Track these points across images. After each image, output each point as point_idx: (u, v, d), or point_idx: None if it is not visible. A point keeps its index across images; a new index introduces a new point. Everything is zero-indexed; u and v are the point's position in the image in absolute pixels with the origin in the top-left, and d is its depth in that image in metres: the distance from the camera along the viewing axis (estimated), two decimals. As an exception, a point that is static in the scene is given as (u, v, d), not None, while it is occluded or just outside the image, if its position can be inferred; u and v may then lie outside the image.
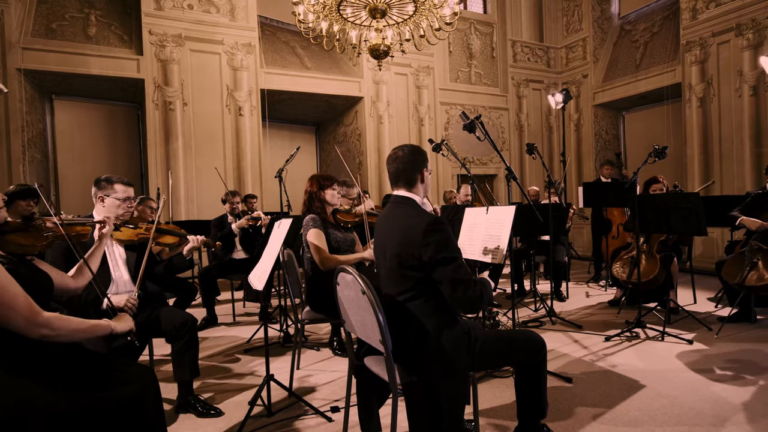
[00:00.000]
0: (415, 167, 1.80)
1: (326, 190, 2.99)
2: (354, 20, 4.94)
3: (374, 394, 1.92)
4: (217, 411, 2.41)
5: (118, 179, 2.39)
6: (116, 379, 1.62)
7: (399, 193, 1.83)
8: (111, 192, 2.34)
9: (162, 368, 3.09)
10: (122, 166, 6.88)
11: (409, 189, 1.81)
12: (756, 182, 6.06)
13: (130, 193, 2.41)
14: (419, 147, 1.87)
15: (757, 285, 3.23)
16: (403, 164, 1.79)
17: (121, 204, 2.35)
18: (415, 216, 1.72)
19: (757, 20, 6.09)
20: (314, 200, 2.97)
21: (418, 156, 1.81)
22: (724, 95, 6.48)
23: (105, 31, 6.03)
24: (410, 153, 1.80)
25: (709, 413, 2.24)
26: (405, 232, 1.71)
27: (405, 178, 1.80)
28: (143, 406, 1.64)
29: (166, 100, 6.18)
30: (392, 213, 1.83)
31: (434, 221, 1.66)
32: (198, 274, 4.46)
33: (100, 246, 2.12)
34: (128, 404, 1.57)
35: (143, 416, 1.62)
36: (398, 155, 1.81)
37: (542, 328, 3.79)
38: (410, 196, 1.81)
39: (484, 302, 1.69)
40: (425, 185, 1.86)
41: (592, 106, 8.65)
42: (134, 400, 1.59)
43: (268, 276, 2.20)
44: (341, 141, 8.29)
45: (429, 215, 1.71)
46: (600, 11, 8.69)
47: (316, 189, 2.98)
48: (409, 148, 1.83)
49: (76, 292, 1.98)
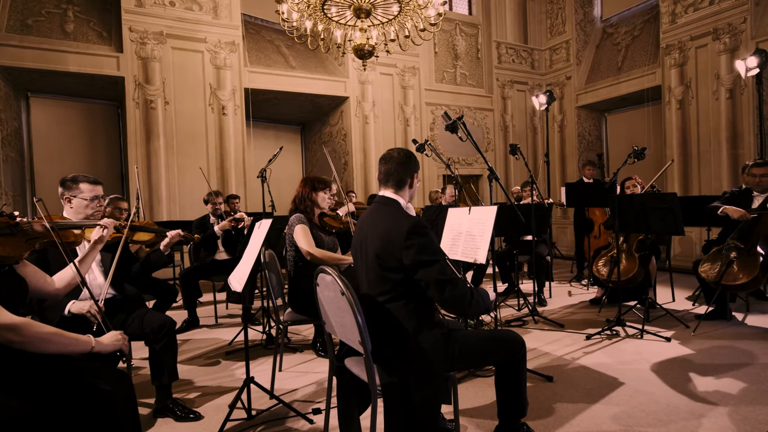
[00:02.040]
0: (407, 170, 1.83)
1: (318, 192, 2.98)
2: (339, 20, 4.92)
3: (355, 395, 1.91)
4: (196, 415, 2.37)
5: (84, 178, 2.28)
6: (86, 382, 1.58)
7: (385, 193, 1.84)
8: (77, 192, 2.24)
9: (141, 371, 3.03)
10: (102, 165, 6.73)
11: (397, 191, 1.84)
12: (733, 183, 6.21)
13: (98, 192, 2.31)
14: (413, 153, 1.91)
15: (734, 283, 3.31)
16: (395, 165, 1.82)
17: (89, 204, 2.26)
18: (398, 218, 1.73)
19: (733, 25, 6.24)
20: (305, 200, 2.96)
21: (411, 160, 1.86)
22: (702, 98, 6.63)
23: (83, 28, 5.90)
24: (404, 156, 1.84)
25: (684, 409, 2.29)
26: (387, 233, 1.70)
27: (395, 180, 1.82)
28: (115, 409, 1.60)
29: (147, 98, 6.06)
30: (375, 213, 1.83)
31: (416, 224, 1.67)
32: (179, 275, 4.38)
33: (94, 251, 2.02)
34: (98, 402, 1.53)
35: (116, 419, 1.58)
36: (392, 156, 1.84)
37: (525, 327, 3.82)
38: (396, 198, 1.82)
39: (475, 303, 1.69)
40: (413, 191, 1.89)
41: (575, 107, 8.77)
42: (105, 399, 1.55)
43: (247, 277, 2.17)
44: (327, 141, 8.25)
45: (411, 218, 1.72)
46: (583, 14, 8.82)
47: (309, 190, 2.97)
48: (405, 151, 1.87)
49: (57, 297, 1.89)
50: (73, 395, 1.52)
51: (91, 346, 1.54)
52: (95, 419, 1.56)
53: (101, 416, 1.58)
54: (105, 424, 1.56)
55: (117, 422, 1.59)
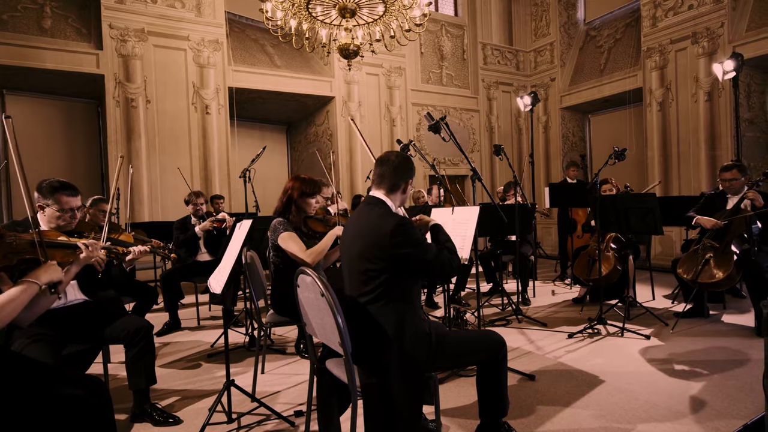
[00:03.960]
0: (402, 175, 1.84)
1: (307, 198, 2.82)
2: (324, 19, 4.89)
3: (335, 397, 1.90)
4: (175, 419, 2.33)
5: (63, 189, 2.14)
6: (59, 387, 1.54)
7: (376, 194, 1.84)
8: (51, 202, 2.12)
9: (119, 375, 2.96)
10: (81, 165, 6.58)
11: (389, 194, 1.84)
12: (711, 183, 6.36)
13: (74, 204, 2.17)
14: (411, 159, 1.92)
15: (710, 282, 3.38)
16: (391, 169, 1.83)
17: (61, 215, 2.14)
18: (384, 216, 1.73)
19: (711, 29, 6.39)
20: (291, 205, 2.82)
21: (408, 166, 1.87)
22: (681, 100, 6.77)
23: (61, 24, 5.76)
24: (401, 160, 1.86)
25: (663, 406, 2.32)
26: (372, 232, 1.71)
27: (389, 183, 1.83)
28: (89, 415, 1.56)
29: (128, 96, 5.95)
30: (363, 213, 1.84)
31: (402, 221, 1.69)
32: (160, 276, 4.30)
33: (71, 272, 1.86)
34: (71, 408, 1.49)
35: (90, 425, 1.55)
36: (390, 159, 1.85)
37: (509, 327, 3.85)
38: (385, 200, 1.83)
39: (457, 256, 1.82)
40: (405, 196, 1.90)
41: (559, 108, 8.88)
42: (78, 405, 1.51)
43: (227, 279, 2.13)
44: (313, 141, 8.21)
45: (397, 216, 1.73)
46: (567, 17, 8.94)
47: (297, 195, 2.81)
48: (403, 156, 1.89)
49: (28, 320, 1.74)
50: (45, 401, 1.48)
51: (38, 285, 1.47)
52: (68, 426, 1.52)
53: (75, 422, 1.54)
54: (79, 430, 1.52)
55: (91, 428, 1.55)
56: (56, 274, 1.54)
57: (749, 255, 3.39)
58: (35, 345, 2.00)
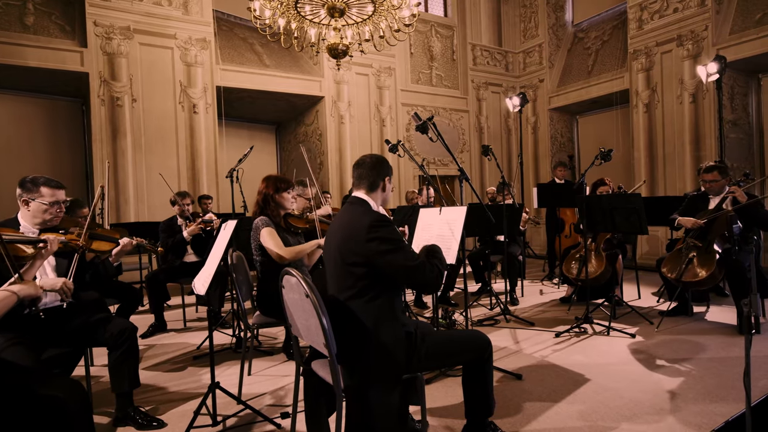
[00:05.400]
0: (379, 173, 1.89)
1: (282, 193, 2.88)
2: (313, 18, 4.87)
3: (323, 398, 1.88)
4: (159, 422, 2.29)
5: (45, 181, 2.17)
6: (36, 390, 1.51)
7: (357, 194, 1.87)
8: (37, 195, 2.14)
9: (103, 378, 2.91)
10: (65, 164, 6.47)
11: (369, 193, 1.87)
12: (696, 183, 6.45)
13: (60, 197, 2.20)
14: (386, 159, 1.97)
15: (693, 280, 3.43)
16: (368, 169, 1.87)
17: (48, 209, 2.15)
18: (363, 214, 1.73)
19: (695, 32, 6.49)
20: (268, 202, 2.87)
21: (383, 164, 1.92)
22: (667, 102, 6.87)
23: (44, 21, 5.65)
24: (376, 160, 1.92)
25: (647, 403, 2.35)
26: (351, 229, 1.71)
27: (368, 183, 1.87)
28: (69, 418, 1.54)
29: (114, 95, 5.86)
30: (346, 212, 1.85)
31: (378, 218, 1.68)
32: (145, 278, 4.24)
33: (35, 265, 1.96)
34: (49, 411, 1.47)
35: (68, 427, 1.52)
36: (365, 160, 1.90)
37: (497, 326, 3.86)
38: (366, 199, 1.85)
39: (443, 274, 1.77)
40: (385, 194, 1.93)
41: (547, 109, 8.95)
42: (56, 408, 1.49)
43: (211, 280, 2.11)
44: (302, 141, 8.17)
45: (374, 213, 1.73)
46: (555, 18, 9.01)
47: (272, 192, 2.87)
48: (377, 156, 1.95)
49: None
50: (22, 404, 1.45)
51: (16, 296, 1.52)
52: (46, 429, 1.49)
53: (53, 425, 1.51)
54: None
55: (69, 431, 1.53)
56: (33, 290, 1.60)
57: (731, 254, 3.45)
58: (14, 348, 1.96)
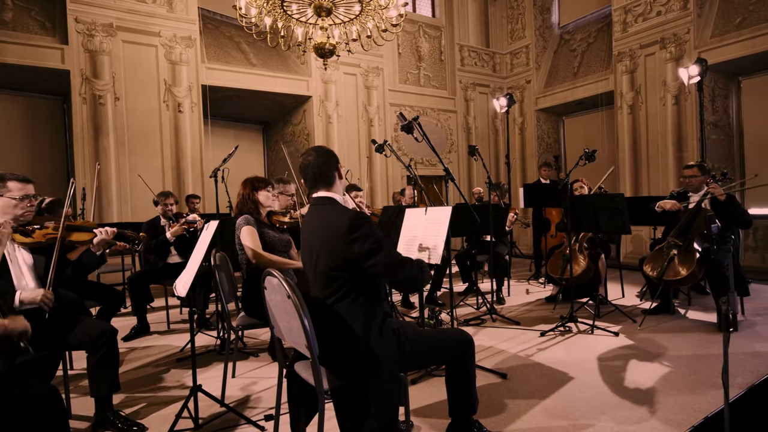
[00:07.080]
0: (329, 166, 1.81)
1: (260, 191, 2.96)
2: (299, 17, 4.83)
3: (307, 400, 1.87)
4: (140, 427, 2.25)
5: (12, 176, 2.15)
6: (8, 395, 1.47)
7: (319, 194, 1.82)
8: (5, 191, 2.11)
9: (82, 383, 2.85)
10: (45, 164, 6.32)
11: (329, 188, 1.83)
12: (679, 183, 6.57)
13: (29, 191, 2.18)
14: (327, 147, 1.90)
15: (674, 279, 3.48)
16: (318, 167, 1.80)
17: (18, 203, 2.13)
18: (338, 214, 1.71)
19: (678, 35, 6.61)
20: (247, 202, 2.91)
21: (330, 156, 1.84)
22: (650, 103, 6.98)
23: (23, 17, 5.52)
24: (322, 154, 1.82)
25: (629, 401, 2.38)
26: (329, 231, 1.69)
27: (324, 180, 1.81)
28: (43, 423, 1.50)
29: (96, 93, 5.75)
30: (315, 214, 1.81)
31: (356, 216, 1.66)
32: (127, 279, 4.17)
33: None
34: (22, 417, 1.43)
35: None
36: (310, 161, 1.80)
37: (483, 326, 3.88)
38: (330, 195, 1.81)
39: (427, 276, 1.77)
40: (343, 181, 1.89)
41: (534, 110, 9.03)
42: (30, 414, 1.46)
43: (192, 281, 2.08)
44: (289, 140, 8.11)
45: (350, 212, 1.71)
46: (542, 20, 9.10)
47: (249, 191, 2.95)
48: (318, 150, 1.84)
49: None
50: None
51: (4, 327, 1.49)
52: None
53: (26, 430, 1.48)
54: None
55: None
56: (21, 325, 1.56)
57: (710, 253, 3.51)
58: (-14, 353, 1.90)
